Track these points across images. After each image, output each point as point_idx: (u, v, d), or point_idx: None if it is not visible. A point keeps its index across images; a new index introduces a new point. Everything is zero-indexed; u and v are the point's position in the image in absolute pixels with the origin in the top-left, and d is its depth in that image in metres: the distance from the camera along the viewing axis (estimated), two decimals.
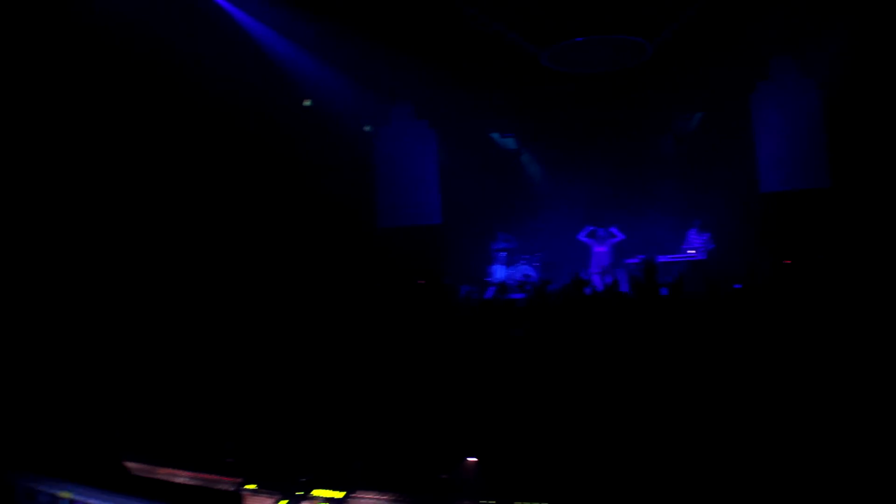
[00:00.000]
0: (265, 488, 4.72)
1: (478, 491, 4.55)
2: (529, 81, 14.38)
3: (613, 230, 14.54)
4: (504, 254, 15.15)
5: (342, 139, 14.41)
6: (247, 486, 4.71)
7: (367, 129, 15.41)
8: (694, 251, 13.93)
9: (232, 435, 5.78)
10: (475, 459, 4.72)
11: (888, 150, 11.90)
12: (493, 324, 8.51)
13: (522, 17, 11.95)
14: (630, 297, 9.47)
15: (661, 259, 13.97)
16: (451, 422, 6.02)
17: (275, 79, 12.89)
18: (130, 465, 4.69)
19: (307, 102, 13.93)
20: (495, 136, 16.99)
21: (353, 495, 4.62)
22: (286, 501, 4.63)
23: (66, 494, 4.48)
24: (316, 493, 4.64)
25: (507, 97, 15.30)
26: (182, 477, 4.79)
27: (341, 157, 14.27)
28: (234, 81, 11.65)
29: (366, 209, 14.96)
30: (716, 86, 14.51)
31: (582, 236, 14.78)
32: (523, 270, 14.88)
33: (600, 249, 14.59)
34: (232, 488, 4.70)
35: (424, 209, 15.15)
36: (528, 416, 6.00)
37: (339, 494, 4.61)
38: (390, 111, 15.37)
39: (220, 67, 11.28)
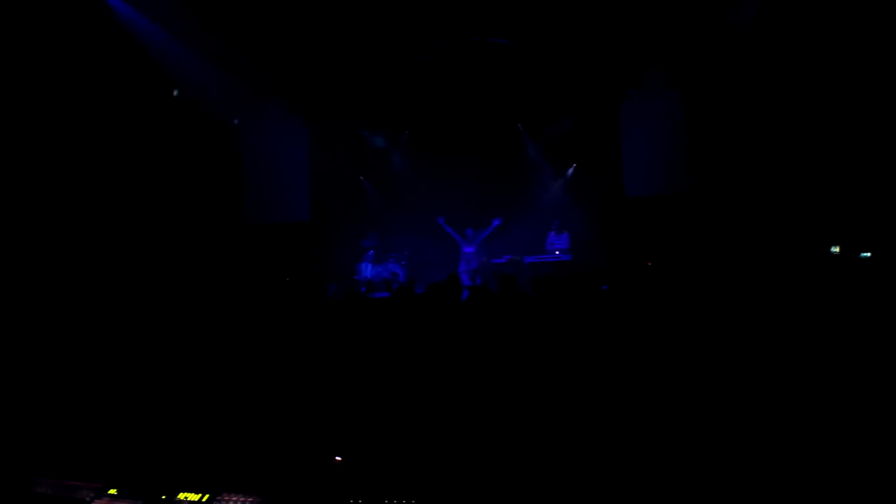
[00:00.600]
0: (126, 493, 4.58)
1: (345, 491, 4.53)
2: (401, 81, 14.44)
3: (496, 222, 14.66)
4: (372, 252, 15.13)
5: (210, 132, 14.07)
6: (108, 492, 4.56)
7: (235, 122, 15.12)
8: (558, 252, 14.25)
9: (91, 437, 5.59)
10: (341, 459, 4.70)
11: (745, 159, 12.57)
12: (359, 321, 8.51)
13: (397, 17, 11.99)
14: (497, 296, 9.62)
15: (529, 260, 14.27)
16: (318, 421, 5.99)
17: (141, 66, 12.47)
18: None
19: (175, 92, 13.57)
20: (365, 133, 16.96)
21: (219, 497, 4.53)
22: None
23: None
24: (181, 496, 4.54)
25: (379, 96, 15.30)
26: (40, 485, 4.59)
27: (208, 150, 13.95)
28: (97, 66, 11.25)
29: (233, 205, 14.68)
30: (586, 92, 14.91)
31: (449, 230, 14.89)
32: (391, 269, 14.90)
33: (469, 249, 14.74)
34: (92, 494, 4.54)
35: (293, 206, 15.03)
36: (395, 413, 6.03)
37: (204, 497, 4.52)
38: (261, 106, 15.14)
39: (81, 51, 10.87)
